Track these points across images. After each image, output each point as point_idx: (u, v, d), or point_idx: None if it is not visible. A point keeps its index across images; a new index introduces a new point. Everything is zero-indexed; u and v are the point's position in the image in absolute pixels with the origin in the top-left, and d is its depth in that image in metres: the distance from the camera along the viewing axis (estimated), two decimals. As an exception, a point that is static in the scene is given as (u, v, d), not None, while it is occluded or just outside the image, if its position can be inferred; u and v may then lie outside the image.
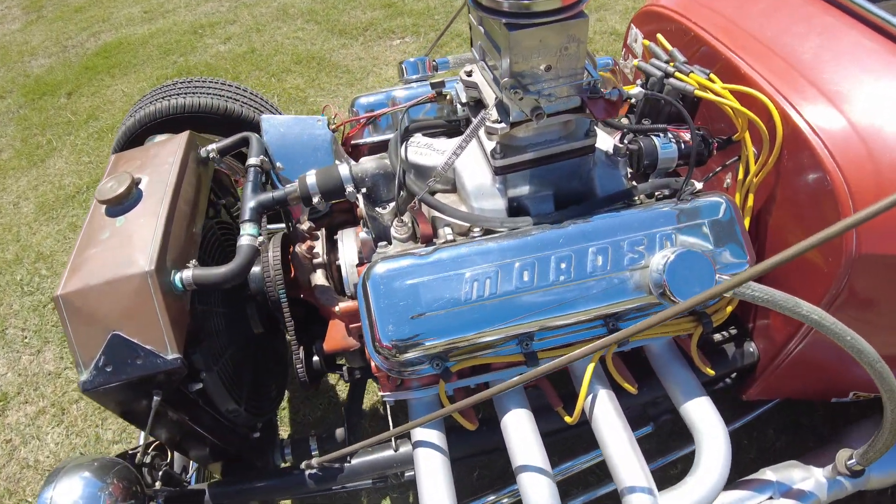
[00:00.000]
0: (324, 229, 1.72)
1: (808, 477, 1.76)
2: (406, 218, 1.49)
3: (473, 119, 1.54)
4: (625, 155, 1.52)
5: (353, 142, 1.79)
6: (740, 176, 1.58)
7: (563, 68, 1.28)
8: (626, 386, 1.53)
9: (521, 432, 1.41)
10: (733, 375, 1.86)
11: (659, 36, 1.69)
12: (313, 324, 1.77)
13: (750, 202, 1.58)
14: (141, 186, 1.48)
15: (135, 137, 2.48)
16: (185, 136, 1.63)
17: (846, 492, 1.75)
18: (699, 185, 1.55)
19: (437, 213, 1.47)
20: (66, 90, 4.33)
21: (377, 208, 1.51)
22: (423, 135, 1.71)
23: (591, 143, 1.46)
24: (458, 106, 1.66)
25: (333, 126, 1.79)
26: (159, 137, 2.04)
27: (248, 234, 1.40)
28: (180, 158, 1.56)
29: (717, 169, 1.61)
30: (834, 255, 1.41)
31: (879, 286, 1.44)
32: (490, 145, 1.44)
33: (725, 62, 1.61)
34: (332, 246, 1.72)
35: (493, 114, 1.30)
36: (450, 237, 1.47)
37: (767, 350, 1.74)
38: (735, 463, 1.45)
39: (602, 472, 1.97)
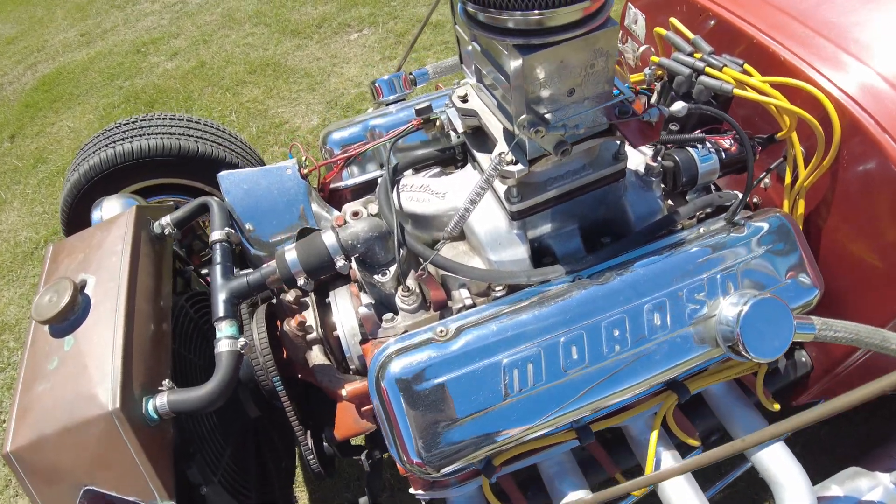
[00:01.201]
0: (313, 295, 1.43)
1: (875, 485, 1.56)
2: (411, 283, 1.20)
3: (473, 150, 1.26)
4: (659, 174, 1.24)
5: (332, 186, 1.48)
6: (787, 179, 1.31)
7: (590, 89, 0.99)
8: (690, 441, 1.28)
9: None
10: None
11: (674, 21, 1.39)
12: (316, 400, 1.50)
13: (801, 209, 1.32)
14: (88, 290, 1.17)
15: (83, 194, 2.14)
16: (131, 213, 1.32)
17: (914, 496, 1.56)
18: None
19: (449, 274, 1.19)
20: (8, 133, 3.88)
21: (375, 276, 1.22)
22: (414, 170, 1.41)
23: (622, 168, 1.18)
24: (452, 134, 1.36)
25: (306, 170, 1.47)
26: (107, 204, 1.69)
27: (225, 338, 1.10)
28: (130, 244, 1.25)
29: (762, 175, 1.34)
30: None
31: None
32: (501, 185, 1.16)
33: (757, 48, 1.32)
34: (325, 310, 1.43)
35: (509, 157, 1.01)
36: (467, 300, 1.19)
37: (822, 359, 1.51)
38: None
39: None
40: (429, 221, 1.28)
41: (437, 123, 1.39)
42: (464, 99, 1.20)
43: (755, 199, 1.44)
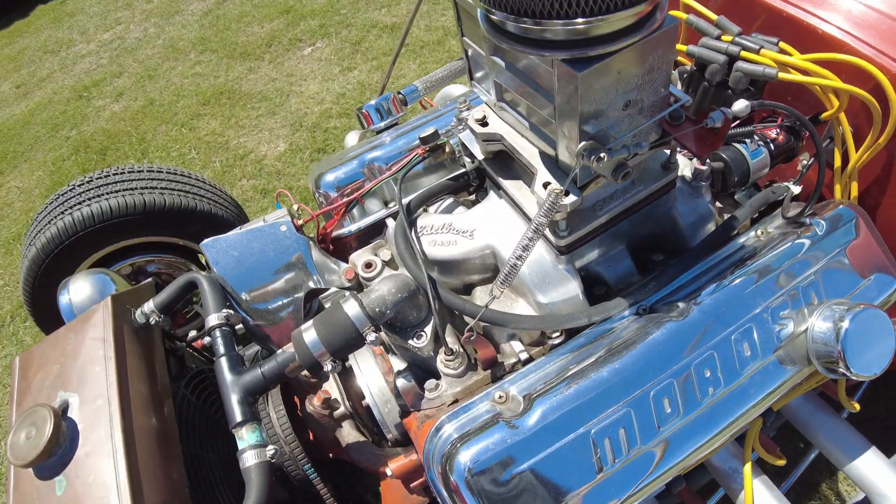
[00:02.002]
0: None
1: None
2: (454, 344, 1.01)
3: (496, 176, 1.07)
4: (708, 178, 1.08)
5: (333, 235, 1.27)
6: (837, 162, 1.16)
7: (647, 98, 0.82)
8: (777, 462, 1.13)
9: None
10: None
11: (692, 2, 1.22)
12: (352, 471, 1.31)
13: (854, 192, 1.18)
14: (72, 414, 0.96)
15: (44, 270, 1.89)
16: (107, 306, 1.09)
17: None
18: (796, 189, 1.13)
19: (494, 330, 1.01)
20: (-49, 201, 3.51)
21: (410, 341, 1.03)
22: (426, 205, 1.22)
23: (674, 179, 1.01)
24: (466, 159, 1.17)
25: (300, 221, 1.27)
26: (75, 286, 1.46)
27: (250, 448, 0.90)
28: (113, 346, 1.03)
29: (807, 162, 1.19)
30: None
31: None
32: (535, 211, 0.98)
33: (787, 22, 1.16)
34: (347, 377, 1.23)
35: (565, 195, 0.83)
36: (522, 353, 1.01)
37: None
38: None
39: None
40: (458, 266, 1.09)
41: (447, 150, 1.20)
42: (483, 122, 1.01)
43: (799, 188, 1.30)
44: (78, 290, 1.51)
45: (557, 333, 1.01)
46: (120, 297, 1.14)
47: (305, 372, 1.19)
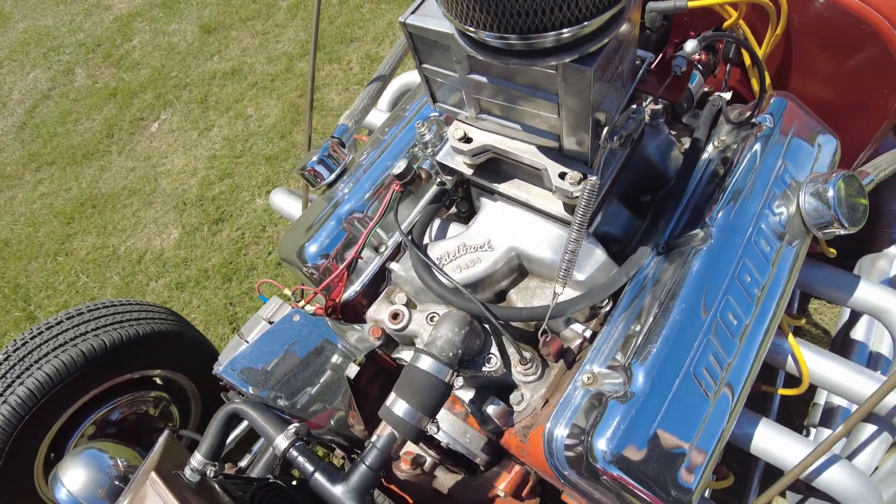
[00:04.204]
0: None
1: (892, 259, 1.73)
2: (527, 354, 1.04)
3: (489, 184, 1.10)
4: (663, 114, 1.17)
5: (342, 301, 1.23)
6: (747, 58, 1.31)
7: (626, 68, 0.88)
8: (800, 322, 1.29)
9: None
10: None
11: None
12: None
13: (767, 80, 1.34)
14: None
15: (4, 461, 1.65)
16: (156, 483, 0.99)
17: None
18: (727, 96, 1.27)
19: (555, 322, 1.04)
20: None
21: (484, 368, 1.04)
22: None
23: (643, 128, 1.09)
24: (447, 178, 1.18)
25: (302, 303, 1.21)
26: (66, 475, 1.29)
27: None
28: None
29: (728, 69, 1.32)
30: (890, 85, 1.24)
31: None
32: (550, 202, 1.02)
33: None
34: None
35: (594, 180, 0.87)
36: (586, 332, 1.07)
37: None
38: None
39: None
40: (488, 279, 1.11)
41: (424, 176, 1.20)
42: (467, 139, 1.02)
43: (707, 89, 1.45)
44: (72, 478, 1.36)
45: (605, 302, 1.07)
46: (161, 467, 1.03)
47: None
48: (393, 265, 1.21)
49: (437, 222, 1.24)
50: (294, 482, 1.61)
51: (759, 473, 1.58)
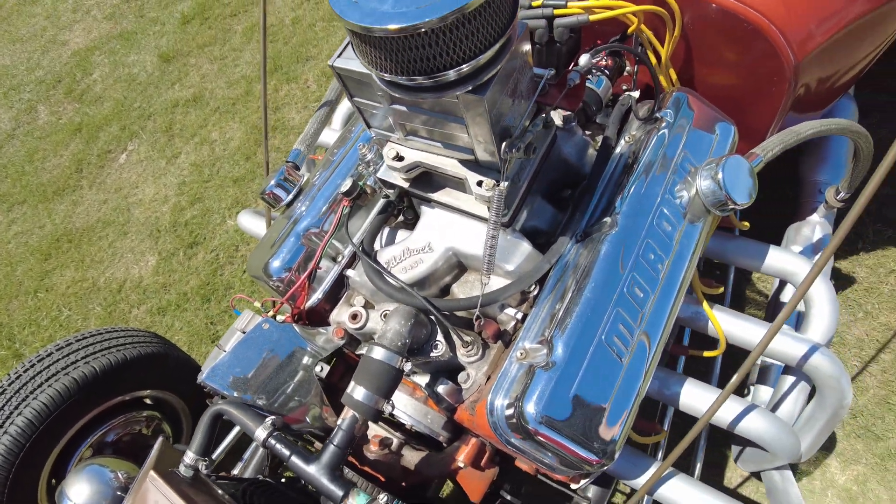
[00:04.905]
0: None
1: (813, 225, 1.93)
2: (467, 337, 1.21)
3: (425, 193, 1.27)
4: (575, 118, 1.35)
5: (307, 308, 1.39)
6: (653, 60, 1.50)
7: (524, 86, 1.05)
8: (717, 291, 1.48)
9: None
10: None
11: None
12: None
13: (673, 76, 1.53)
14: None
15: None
16: (154, 479, 1.15)
17: (834, 216, 1.97)
18: (636, 94, 1.45)
19: (491, 307, 1.22)
20: None
21: (432, 354, 1.21)
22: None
23: (555, 132, 1.27)
24: (388, 191, 1.35)
25: (271, 313, 1.37)
26: (72, 489, 1.44)
27: (364, 509, 1.04)
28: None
29: (636, 70, 1.51)
30: (778, 76, 1.43)
31: (815, 76, 1.51)
32: (476, 206, 1.20)
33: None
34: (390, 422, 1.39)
35: (503, 186, 1.04)
36: (517, 314, 1.24)
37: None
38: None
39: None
40: (431, 277, 1.28)
41: (369, 191, 1.37)
42: (399, 158, 1.19)
43: (625, 88, 1.63)
44: (77, 492, 1.50)
45: (533, 287, 1.24)
46: (159, 466, 1.19)
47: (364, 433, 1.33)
48: (349, 272, 1.38)
49: (386, 230, 1.41)
50: (283, 480, 1.78)
51: (705, 432, 1.78)
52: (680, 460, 1.87)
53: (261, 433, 1.15)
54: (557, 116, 1.36)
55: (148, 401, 2.13)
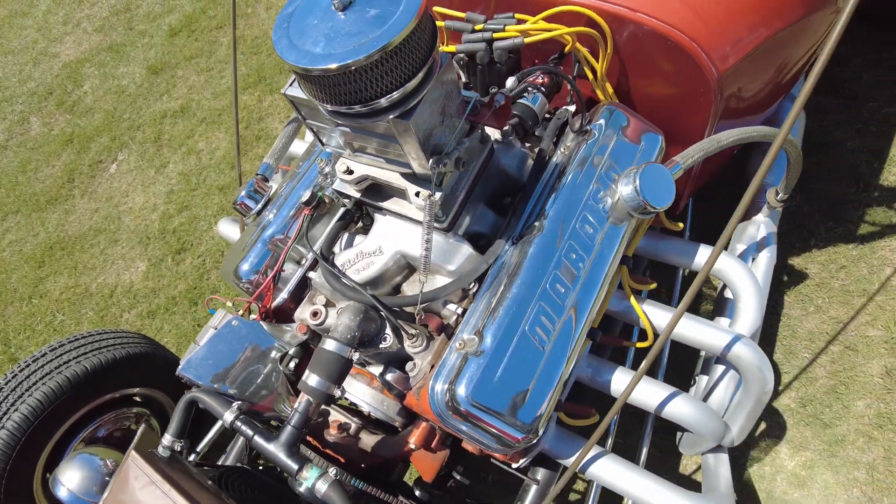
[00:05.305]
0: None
1: (758, 224, 2.09)
2: (411, 330, 1.38)
3: (375, 202, 1.44)
4: (512, 132, 1.52)
5: (273, 307, 1.56)
6: (590, 76, 1.66)
7: (452, 108, 1.22)
8: (651, 286, 1.64)
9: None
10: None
11: (438, 9, 1.64)
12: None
13: (609, 90, 1.69)
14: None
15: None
16: (135, 458, 1.31)
17: (779, 214, 2.13)
18: (572, 108, 1.62)
19: (433, 304, 1.38)
20: None
21: (381, 345, 1.38)
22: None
23: (491, 147, 1.44)
24: (346, 201, 1.52)
25: (240, 311, 1.54)
26: (64, 475, 1.61)
27: (317, 479, 1.20)
28: (163, 479, 1.27)
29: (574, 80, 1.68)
30: (703, 88, 1.59)
31: (741, 86, 1.67)
32: (419, 214, 1.36)
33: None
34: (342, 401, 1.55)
35: (436, 196, 1.21)
36: (458, 310, 1.40)
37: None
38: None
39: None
40: (382, 277, 1.45)
41: (328, 201, 1.54)
42: (349, 171, 1.36)
43: (573, 107, 1.80)
44: (70, 478, 1.66)
45: (472, 285, 1.41)
46: (140, 447, 1.35)
47: (316, 418, 1.50)
48: (312, 274, 1.54)
49: (346, 236, 1.58)
50: (260, 468, 1.94)
51: (651, 420, 1.94)
52: (628, 448, 2.04)
53: (228, 416, 1.32)
54: (496, 131, 1.53)
55: (137, 398, 2.30)
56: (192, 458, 1.38)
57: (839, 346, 2.40)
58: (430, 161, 1.16)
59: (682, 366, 2.19)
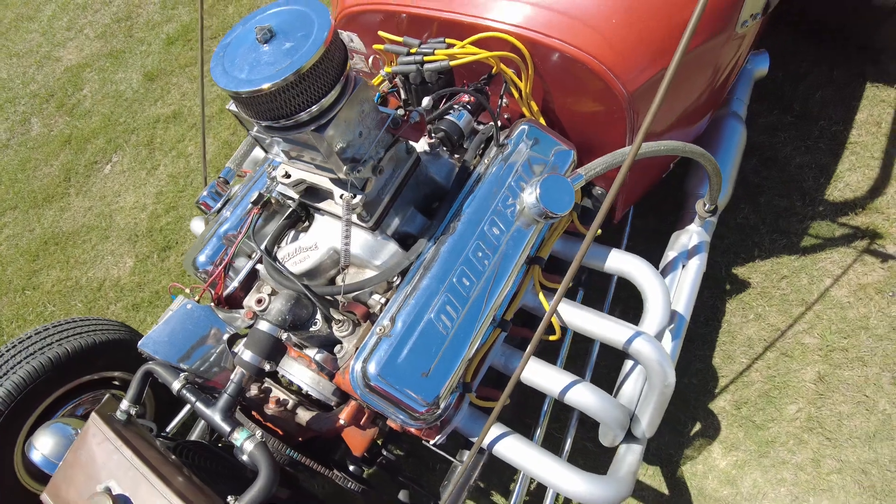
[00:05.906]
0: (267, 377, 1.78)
1: (690, 234, 2.29)
2: (339, 316, 1.61)
3: (313, 203, 1.68)
4: (439, 145, 1.76)
5: (225, 294, 1.81)
6: (516, 95, 1.90)
7: (369, 125, 1.46)
8: (557, 286, 1.86)
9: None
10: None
11: (383, 34, 1.89)
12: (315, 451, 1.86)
13: (535, 107, 1.93)
14: (118, 492, 1.42)
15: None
16: (96, 420, 1.55)
17: (713, 225, 2.33)
18: (498, 124, 1.85)
19: (360, 294, 1.62)
20: None
21: (311, 329, 1.61)
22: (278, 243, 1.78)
23: (416, 157, 1.67)
24: (289, 201, 1.76)
25: (196, 297, 1.79)
26: (39, 441, 1.85)
27: (245, 440, 1.43)
28: (117, 437, 1.50)
29: (500, 103, 1.91)
30: (615, 106, 1.82)
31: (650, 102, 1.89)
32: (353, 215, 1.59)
33: (445, 24, 1.87)
34: (283, 381, 1.78)
35: (355, 199, 1.45)
36: (381, 300, 1.63)
37: (608, 185, 2.18)
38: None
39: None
40: (317, 270, 1.68)
41: (273, 202, 1.78)
42: (287, 175, 1.61)
43: (507, 117, 2.03)
44: (44, 444, 1.90)
45: (396, 278, 1.64)
46: (102, 410, 1.60)
47: (254, 393, 1.73)
48: (259, 266, 1.78)
49: (292, 233, 1.82)
50: (220, 445, 2.18)
51: (548, 402, 2.13)
52: (552, 440, 2.22)
53: (176, 385, 1.55)
54: (425, 143, 1.77)
55: (116, 381, 2.55)
56: (134, 410, 1.61)
57: (776, 352, 2.59)
58: (346, 168, 1.40)
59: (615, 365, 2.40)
